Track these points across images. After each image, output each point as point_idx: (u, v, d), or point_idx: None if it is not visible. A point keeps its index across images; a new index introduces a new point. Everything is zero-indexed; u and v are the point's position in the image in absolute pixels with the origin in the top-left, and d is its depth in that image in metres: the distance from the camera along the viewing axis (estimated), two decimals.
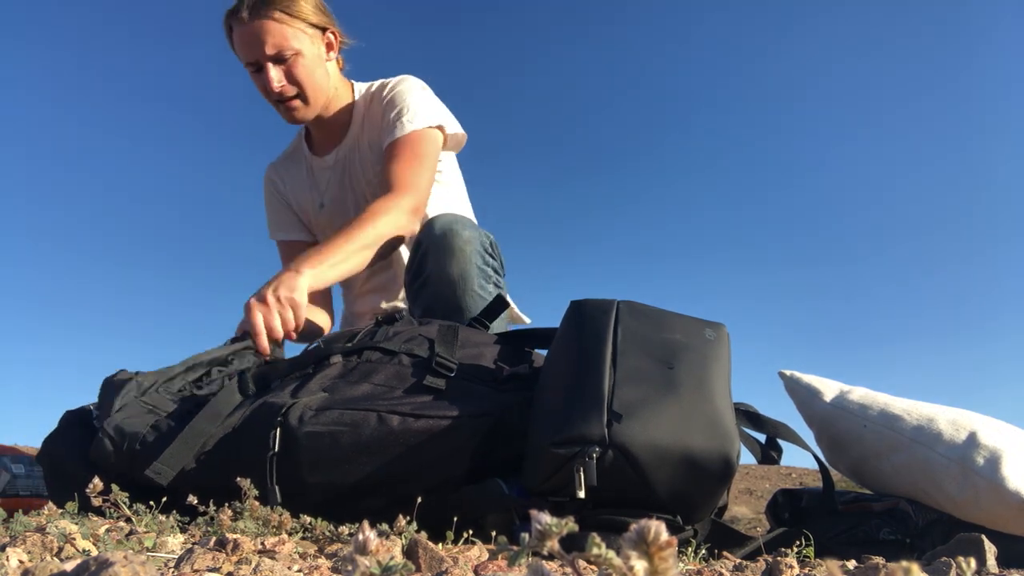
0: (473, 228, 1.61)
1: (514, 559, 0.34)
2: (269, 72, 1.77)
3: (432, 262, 1.57)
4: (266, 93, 1.83)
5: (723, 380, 1.16)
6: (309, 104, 1.86)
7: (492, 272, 1.63)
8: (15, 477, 1.65)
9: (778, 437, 1.37)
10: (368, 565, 0.37)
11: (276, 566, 0.73)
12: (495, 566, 0.81)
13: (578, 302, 1.27)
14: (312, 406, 1.16)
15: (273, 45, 1.75)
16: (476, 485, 1.15)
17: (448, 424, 1.15)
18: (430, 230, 1.60)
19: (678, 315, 1.26)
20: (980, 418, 1.43)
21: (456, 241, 1.56)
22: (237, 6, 1.76)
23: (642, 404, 1.08)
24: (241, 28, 1.76)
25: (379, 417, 1.14)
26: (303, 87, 1.82)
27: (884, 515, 1.43)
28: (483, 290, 1.58)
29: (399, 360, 1.28)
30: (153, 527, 1.01)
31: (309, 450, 1.12)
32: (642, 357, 1.15)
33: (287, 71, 1.79)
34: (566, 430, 1.07)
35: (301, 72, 1.80)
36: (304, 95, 1.84)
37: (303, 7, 1.78)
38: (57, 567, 0.64)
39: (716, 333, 1.22)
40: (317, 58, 1.83)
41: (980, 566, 1.04)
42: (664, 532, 0.32)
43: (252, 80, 1.84)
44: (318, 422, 1.13)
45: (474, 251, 1.58)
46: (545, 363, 1.28)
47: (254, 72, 1.81)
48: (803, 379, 1.66)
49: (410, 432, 1.14)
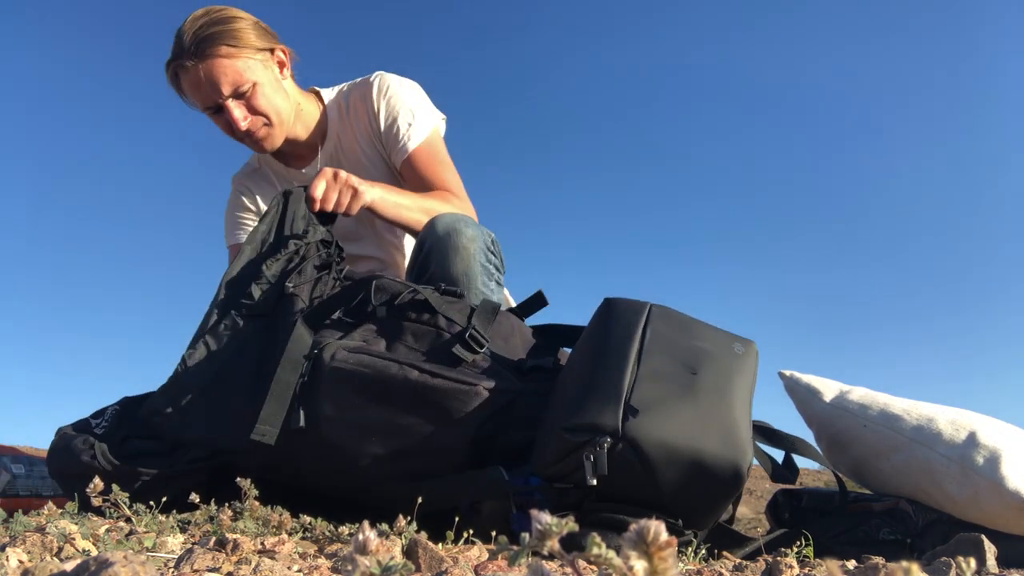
0: (476, 226, 1.61)
1: (514, 559, 0.34)
2: (232, 112, 1.70)
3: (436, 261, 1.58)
4: (231, 132, 1.76)
5: (745, 393, 1.16)
6: (277, 130, 1.80)
7: (494, 270, 1.63)
8: (15, 477, 1.65)
9: (795, 452, 1.36)
10: (368, 565, 0.37)
11: (276, 566, 0.73)
12: (495, 566, 0.81)
13: (610, 299, 1.28)
14: (346, 347, 1.25)
15: (228, 84, 1.68)
16: (477, 470, 1.16)
17: (462, 389, 1.18)
18: (433, 228, 1.60)
19: (709, 326, 1.26)
20: (980, 418, 1.43)
21: (460, 240, 1.56)
22: (177, 52, 1.67)
23: (660, 403, 1.09)
24: (189, 74, 1.68)
25: (400, 367, 1.21)
26: (268, 115, 1.76)
27: (884, 515, 1.43)
28: (486, 287, 1.58)
29: (436, 322, 1.32)
30: (153, 527, 1.01)
31: (331, 382, 1.21)
32: (667, 359, 1.16)
33: (249, 104, 1.73)
34: (580, 417, 1.08)
35: (262, 102, 1.73)
36: (271, 122, 1.77)
37: (247, 35, 1.70)
38: (57, 567, 0.64)
39: (745, 348, 1.23)
40: (274, 82, 1.77)
41: (980, 566, 1.04)
42: (664, 532, 0.32)
43: (213, 122, 1.77)
44: (345, 361, 1.22)
45: (478, 249, 1.58)
46: (571, 354, 1.29)
47: (213, 114, 1.75)
48: (803, 379, 1.66)
49: (426, 387, 1.19)
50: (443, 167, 1.84)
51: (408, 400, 1.19)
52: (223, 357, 1.31)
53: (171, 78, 1.73)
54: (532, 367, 1.30)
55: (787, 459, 1.36)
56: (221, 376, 1.29)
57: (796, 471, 1.36)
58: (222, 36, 1.66)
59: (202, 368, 1.30)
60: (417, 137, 1.83)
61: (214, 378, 1.29)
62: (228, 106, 1.70)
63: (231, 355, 1.31)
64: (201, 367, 1.30)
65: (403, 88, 1.91)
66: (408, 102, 1.88)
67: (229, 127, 1.75)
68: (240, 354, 1.32)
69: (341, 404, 1.21)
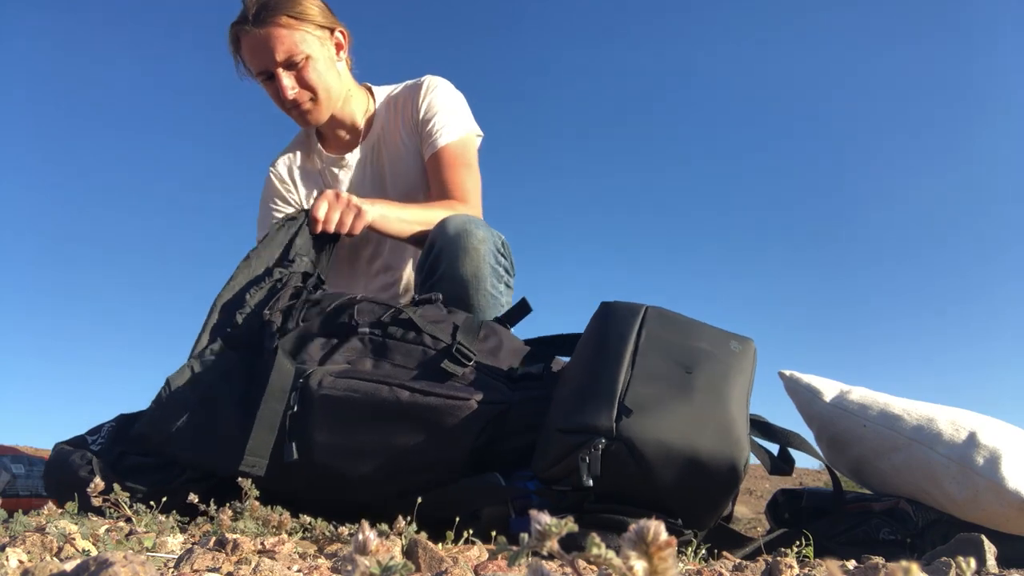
0: (486, 228, 1.61)
1: (514, 559, 0.34)
2: (282, 80, 1.76)
3: (446, 261, 1.57)
4: (279, 100, 1.82)
5: (741, 391, 1.16)
6: (323, 107, 1.85)
7: (504, 272, 1.64)
8: (15, 477, 1.65)
9: (790, 446, 1.36)
10: (368, 565, 0.37)
11: (276, 566, 0.73)
12: (495, 566, 0.81)
13: (608, 303, 1.28)
14: (332, 372, 1.23)
15: (283, 51, 1.74)
16: (474, 477, 1.16)
17: (455, 404, 1.18)
18: (443, 230, 1.60)
19: (706, 325, 1.26)
20: (980, 418, 1.43)
21: (471, 241, 1.56)
22: (242, 16, 1.75)
23: (654, 402, 1.09)
24: (248, 38, 1.75)
25: (390, 389, 1.20)
26: (316, 90, 1.81)
27: (884, 515, 1.43)
28: (495, 289, 1.58)
29: (422, 340, 1.32)
30: (153, 527, 1.01)
31: (322, 410, 1.19)
32: (662, 359, 1.16)
33: (299, 76, 1.78)
34: (575, 419, 1.09)
35: (313, 76, 1.79)
36: (317, 98, 1.83)
37: (309, 9, 1.77)
38: (57, 567, 0.64)
39: (742, 346, 1.23)
40: (328, 60, 1.83)
41: (980, 566, 1.04)
42: (663, 532, 0.32)
43: (264, 88, 1.83)
44: (334, 387, 1.20)
45: (488, 251, 1.58)
46: (570, 358, 1.30)
47: (265, 80, 1.81)
48: (803, 379, 1.66)
49: (418, 406, 1.18)
50: (467, 171, 1.85)
51: (402, 421, 1.18)
52: (207, 381, 1.30)
53: (232, 40, 1.81)
54: (523, 375, 1.30)
55: (783, 452, 1.36)
56: (206, 402, 1.27)
57: (792, 463, 1.36)
58: (285, 6, 1.74)
59: (185, 392, 1.29)
60: (449, 135, 1.87)
61: (199, 404, 1.27)
62: (279, 74, 1.76)
63: (215, 380, 1.30)
64: (184, 391, 1.29)
65: (450, 91, 1.98)
66: (451, 104, 1.94)
67: (277, 95, 1.81)
68: (225, 380, 1.30)
69: (333, 431, 1.19)
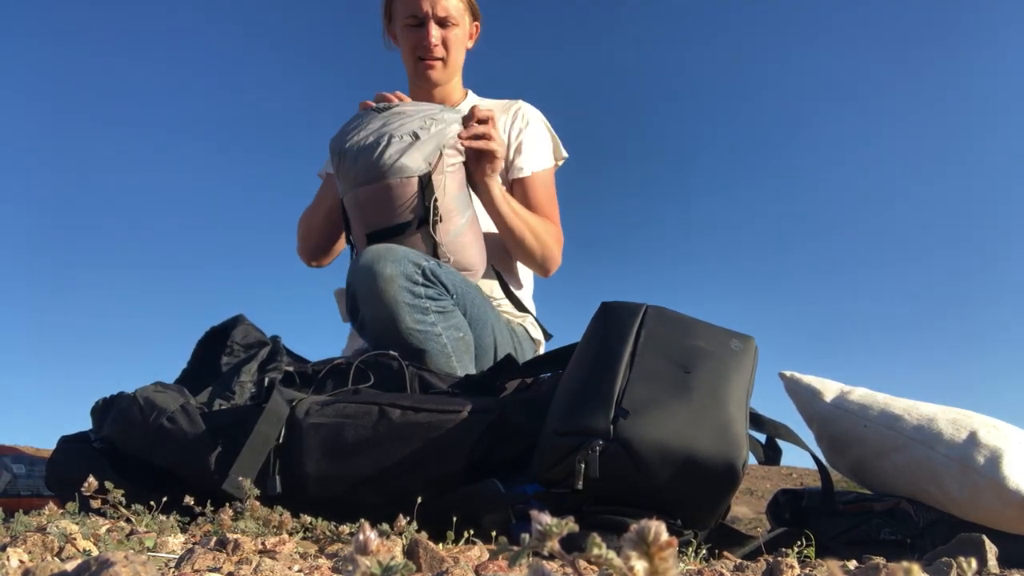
0: (394, 262, 1.50)
1: (515, 559, 0.34)
2: (431, 30, 1.91)
3: (363, 307, 1.53)
4: (417, 47, 1.94)
5: (740, 389, 1.16)
6: (449, 71, 2.00)
7: (428, 300, 1.53)
8: (15, 477, 1.65)
9: (778, 438, 1.36)
10: (369, 565, 0.37)
11: (276, 566, 0.73)
12: (496, 566, 0.81)
13: (607, 303, 1.28)
14: (318, 401, 1.21)
15: (443, 9, 1.91)
16: (473, 485, 1.15)
17: (448, 417, 1.17)
18: (354, 269, 1.55)
19: (707, 324, 1.25)
20: (980, 418, 1.43)
21: (378, 283, 1.48)
22: None
23: (651, 403, 1.08)
24: None
25: (380, 410, 1.18)
26: (450, 55, 1.97)
27: (885, 515, 1.42)
28: (421, 324, 1.50)
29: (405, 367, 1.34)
30: (154, 527, 1.01)
31: (311, 440, 1.16)
32: (660, 359, 1.16)
33: (444, 36, 1.94)
34: (572, 421, 1.08)
35: (454, 42, 1.96)
36: (448, 61, 1.98)
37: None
38: (58, 567, 0.64)
39: (743, 345, 1.22)
40: (466, 37, 2.02)
41: (981, 566, 1.04)
42: (664, 532, 0.32)
43: (403, 33, 1.96)
44: (322, 415, 1.18)
45: (399, 288, 1.48)
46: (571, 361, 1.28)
47: (411, 26, 1.94)
48: (803, 379, 1.66)
49: (410, 424, 1.16)
50: (552, 200, 2.02)
51: (395, 441, 1.16)
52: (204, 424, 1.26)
53: None
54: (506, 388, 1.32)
55: (770, 441, 1.36)
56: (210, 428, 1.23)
57: (780, 452, 1.35)
58: None
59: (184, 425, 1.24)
60: (541, 163, 2.00)
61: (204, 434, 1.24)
62: (430, 25, 1.91)
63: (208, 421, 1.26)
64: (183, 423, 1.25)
65: (542, 120, 2.10)
66: (543, 131, 2.07)
67: (419, 42, 1.94)
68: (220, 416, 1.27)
69: (325, 461, 1.16)
